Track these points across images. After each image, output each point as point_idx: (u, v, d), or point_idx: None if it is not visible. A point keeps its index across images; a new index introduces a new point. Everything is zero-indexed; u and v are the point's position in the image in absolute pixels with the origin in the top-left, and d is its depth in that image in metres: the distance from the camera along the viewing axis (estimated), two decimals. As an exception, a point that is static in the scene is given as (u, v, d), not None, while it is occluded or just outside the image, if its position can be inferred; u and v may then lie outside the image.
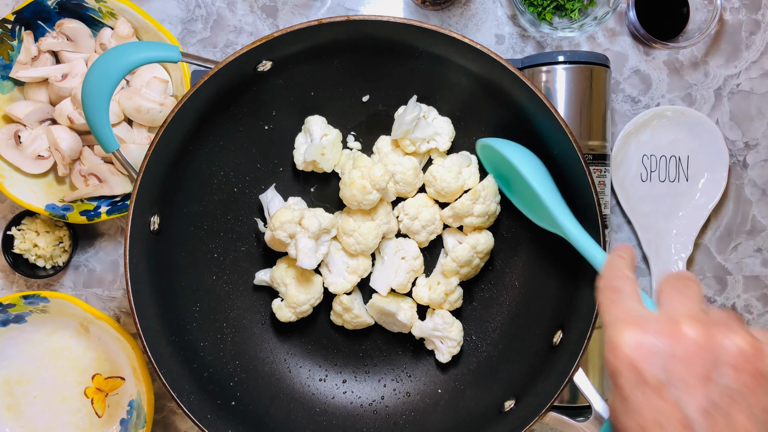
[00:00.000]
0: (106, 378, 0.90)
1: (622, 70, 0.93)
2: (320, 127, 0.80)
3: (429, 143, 0.81)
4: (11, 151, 0.86)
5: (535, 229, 0.81)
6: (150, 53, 0.71)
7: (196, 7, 0.92)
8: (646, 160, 0.93)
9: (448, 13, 0.92)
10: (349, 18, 0.71)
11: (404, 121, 0.78)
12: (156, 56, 0.71)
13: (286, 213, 0.75)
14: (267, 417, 0.80)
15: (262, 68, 0.75)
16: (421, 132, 0.79)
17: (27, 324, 0.89)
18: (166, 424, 0.93)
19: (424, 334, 0.81)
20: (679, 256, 0.93)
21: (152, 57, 0.71)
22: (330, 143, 0.80)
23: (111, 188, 0.86)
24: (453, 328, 0.81)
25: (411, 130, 0.79)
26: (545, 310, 0.79)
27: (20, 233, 0.89)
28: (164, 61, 0.71)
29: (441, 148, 0.81)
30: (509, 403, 0.77)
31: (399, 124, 0.79)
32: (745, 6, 0.93)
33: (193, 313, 0.79)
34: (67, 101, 0.85)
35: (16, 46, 0.86)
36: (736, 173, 0.94)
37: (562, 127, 0.71)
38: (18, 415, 0.90)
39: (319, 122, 0.81)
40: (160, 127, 0.70)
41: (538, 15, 0.90)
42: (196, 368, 0.77)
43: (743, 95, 0.94)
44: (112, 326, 0.85)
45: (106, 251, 0.92)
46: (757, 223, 0.95)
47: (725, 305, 0.95)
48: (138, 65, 0.70)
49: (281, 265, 0.81)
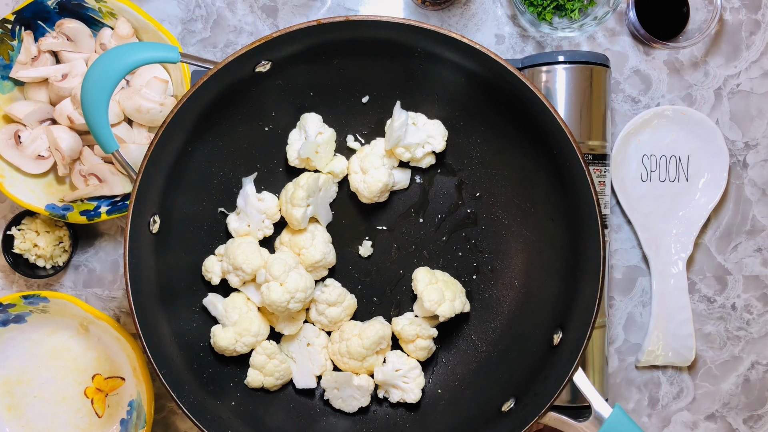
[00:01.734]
0: (106, 378, 0.90)
1: (622, 70, 0.93)
2: (315, 125, 0.80)
3: (424, 147, 0.81)
4: (11, 151, 0.86)
5: (535, 229, 0.81)
6: (149, 54, 0.71)
7: (196, 7, 0.92)
8: (646, 159, 0.93)
9: (448, 13, 0.92)
10: (348, 18, 0.71)
11: (393, 128, 0.78)
12: (155, 57, 0.71)
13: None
14: (267, 417, 0.80)
15: (261, 69, 0.75)
16: (413, 137, 0.79)
17: (27, 324, 0.89)
18: (166, 424, 0.93)
19: (386, 377, 0.80)
20: (679, 256, 0.93)
21: (151, 58, 0.71)
22: (324, 141, 0.80)
23: (111, 188, 0.86)
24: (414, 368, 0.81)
25: (402, 136, 0.79)
26: (545, 311, 0.79)
27: (20, 233, 0.89)
28: (163, 61, 0.71)
29: (437, 148, 0.81)
30: (509, 403, 0.77)
31: (390, 133, 0.79)
32: (745, 6, 0.93)
33: (192, 314, 0.80)
34: (67, 101, 0.85)
35: (16, 46, 0.86)
36: (736, 173, 0.94)
37: (562, 127, 0.71)
38: (18, 415, 0.90)
39: (315, 120, 0.80)
40: (159, 128, 0.70)
41: (538, 15, 0.90)
42: (196, 369, 0.77)
43: (743, 95, 0.94)
44: (112, 326, 0.85)
45: (106, 251, 0.92)
46: (757, 223, 0.95)
47: (725, 305, 0.95)
48: (137, 66, 0.70)
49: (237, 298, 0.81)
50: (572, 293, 0.76)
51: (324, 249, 0.80)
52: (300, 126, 0.81)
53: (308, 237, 0.80)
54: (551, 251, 0.79)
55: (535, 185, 0.80)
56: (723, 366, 0.95)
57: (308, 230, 0.80)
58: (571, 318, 0.75)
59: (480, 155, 0.83)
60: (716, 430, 0.95)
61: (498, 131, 0.80)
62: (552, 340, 0.76)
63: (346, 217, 0.85)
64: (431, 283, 0.79)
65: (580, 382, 0.71)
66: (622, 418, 0.70)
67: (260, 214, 0.80)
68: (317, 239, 0.80)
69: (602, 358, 0.86)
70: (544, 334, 0.78)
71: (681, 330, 0.92)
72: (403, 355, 0.81)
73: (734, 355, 0.95)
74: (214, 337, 0.78)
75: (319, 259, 0.79)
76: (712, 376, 0.95)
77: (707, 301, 0.95)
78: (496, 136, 0.81)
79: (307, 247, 0.79)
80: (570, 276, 0.77)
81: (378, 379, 0.80)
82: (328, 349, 0.82)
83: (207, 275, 0.80)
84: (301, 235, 0.80)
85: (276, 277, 0.75)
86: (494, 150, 0.82)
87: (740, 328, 0.95)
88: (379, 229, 0.85)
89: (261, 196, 0.80)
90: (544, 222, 0.80)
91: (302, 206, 0.77)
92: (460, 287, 0.82)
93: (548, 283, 0.80)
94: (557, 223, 0.78)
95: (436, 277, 0.81)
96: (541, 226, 0.80)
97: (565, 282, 0.77)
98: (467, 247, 0.85)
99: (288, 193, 0.79)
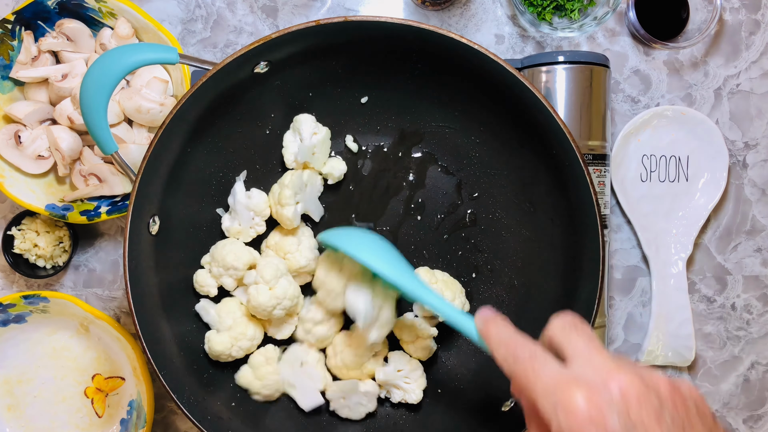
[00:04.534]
0: (106, 378, 0.90)
1: (622, 70, 0.93)
2: (309, 126, 0.80)
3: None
4: (11, 151, 0.86)
5: (534, 229, 0.81)
6: (147, 55, 0.71)
7: (196, 7, 0.92)
8: (646, 160, 0.93)
9: (448, 13, 0.92)
10: (347, 19, 0.71)
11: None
12: (153, 58, 0.71)
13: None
14: (267, 418, 0.80)
15: (260, 70, 0.75)
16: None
17: (27, 324, 0.89)
18: (166, 424, 0.93)
19: (388, 377, 0.79)
20: (679, 256, 0.93)
21: (150, 59, 0.71)
22: (320, 142, 0.80)
23: (111, 188, 0.86)
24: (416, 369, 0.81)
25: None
26: (544, 311, 0.79)
27: (20, 233, 0.89)
28: (162, 62, 0.71)
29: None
30: (509, 403, 0.77)
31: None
32: (745, 6, 0.93)
33: (192, 315, 0.80)
34: (67, 101, 0.86)
35: (16, 46, 0.86)
36: (736, 173, 0.94)
37: (561, 128, 0.71)
38: (18, 415, 0.90)
39: (309, 120, 0.80)
40: (158, 129, 0.70)
41: (538, 15, 0.90)
42: (196, 369, 0.77)
43: (743, 95, 0.94)
44: (112, 326, 0.85)
45: (107, 251, 0.93)
46: (756, 223, 0.95)
47: (725, 305, 0.95)
48: (136, 67, 0.70)
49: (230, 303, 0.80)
50: (572, 293, 0.76)
51: (309, 255, 0.79)
52: (293, 128, 0.81)
53: (294, 242, 0.80)
54: (551, 251, 0.79)
55: (534, 185, 0.80)
56: (723, 366, 0.95)
57: (296, 236, 0.80)
58: (570, 318, 0.75)
59: (479, 155, 0.83)
60: (716, 430, 0.95)
61: (497, 131, 0.80)
62: (551, 340, 0.76)
63: (343, 219, 0.85)
64: (431, 283, 0.79)
65: (580, 382, 0.71)
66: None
67: (249, 212, 0.80)
68: (303, 245, 0.80)
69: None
70: (543, 334, 0.78)
71: (681, 330, 0.92)
72: (405, 355, 0.81)
73: (734, 355, 0.95)
74: (209, 342, 0.77)
75: (303, 264, 0.79)
76: (712, 376, 0.95)
77: (707, 301, 0.95)
78: (495, 136, 0.81)
79: (293, 252, 0.79)
80: (569, 276, 0.77)
81: (380, 380, 0.80)
82: (328, 363, 0.82)
83: (202, 290, 0.79)
84: (288, 238, 0.80)
85: (267, 281, 0.75)
86: (493, 150, 0.82)
87: (740, 328, 0.95)
88: (378, 229, 0.85)
89: (249, 194, 0.80)
90: (544, 222, 0.80)
91: (291, 204, 0.77)
92: (460, 287, 0.82)
93: (548, 283, 0.80)
94: (556, 223, 0.78)
95: (435, 277, 0.81)
96: (541, 226, 0.80)
97: (564, 282, 0.77)
98: (467, 247, 0.85)
99: (275, 195, 0.79)
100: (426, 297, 0.66)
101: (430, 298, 0.66)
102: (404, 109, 0.82)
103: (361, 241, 0.72)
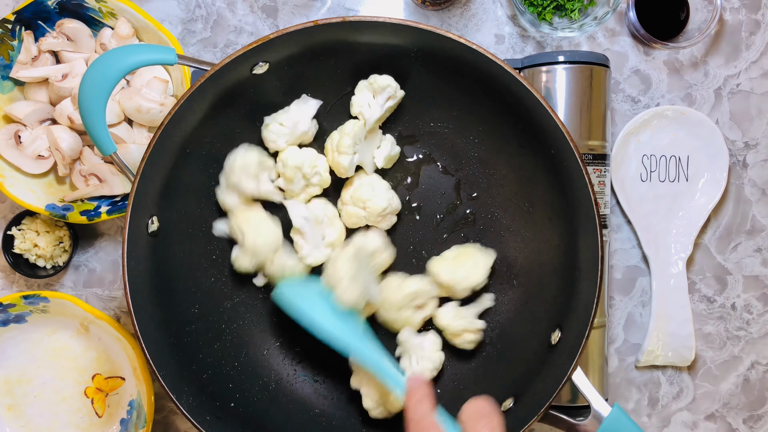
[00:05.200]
0: (106, 378, 0.91)
1: (622, 70, 0.93)
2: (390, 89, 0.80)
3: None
4: (11, 151, 0.86)
5: (533, 229, 0.81)
6: (145, 56, 0.71)
7: (196, 7, 0.92)
8: (646, 160, 0.93)
9: (448, 14, 0.92)
10: (346, 19, 0.71)
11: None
12: (152, 59, 0.71)
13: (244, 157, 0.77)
14: (266, 418, 0.80)
15: (259, 70, 0.75)
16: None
17: (27, 324, 0.89)
18: (166, 424, 0.93)
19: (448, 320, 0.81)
20: (679, 256, 0.93)
21: (148, 60, 0.71)
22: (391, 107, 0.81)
23: (111, 188, 0.86)
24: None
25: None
26: (543, 310, 0.79)
27: (20, 233, 0.89)
28: (160, 63, 0.71)
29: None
30: (508, 402, 0.77)
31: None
32: (745, 6, 0.93)
33: (191, 315, 0.80)
34: (67, 101, 0.86)
35: (17, 46, 0.86)
36: (736, 173, 0.94)
37: (559, 128, 0.71)
38: (18, 415, 0.90)
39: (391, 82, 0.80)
40: (157, 129, 0.70)
41: (538, 15, 0.90)
42: (195, 370, 0.77)
43: (743, 95, 0.94)
44: (112, 326, 0.85)
45: (107, 251, 0.93)
46: (756, 223, 0.95)
47: (725, 305, 0.95)
48: (134, 68, 0.70)
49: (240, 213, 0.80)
50: (571, 293, 0.76)
51: (387, 195, 0.80)
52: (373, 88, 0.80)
53: (368, 189, 0.80)
54: (550, 251, 0.79)
55: (533, 185, 0.80)
56: (723, 366, 0.95)
57: (366, 183, 0.80)
58: (569, 317, 0.75)
59: (478, 155, 0.83)
60: (716, 430, 0.95)
61: (496, 131, 0.80)
62: (551, 340, 0.76)
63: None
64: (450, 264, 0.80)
65: (579, 382, 0.71)
66: (621, 417, 0.70)
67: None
68: (377, 188, 0.80)
69: (602, 358, 0.86)
70: (542, 334, 0.78)
71: (681, 330, 0.92)
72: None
73: (734, 355, 0.95)
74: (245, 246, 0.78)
75: (384, 206, 0.79)
76: (712, 376, 0.95)
77: (707, 301, 0.95)
78: (494, 136, 0.81)
79: (371, 198, 0.79)
80: (568, 275, 0.77)
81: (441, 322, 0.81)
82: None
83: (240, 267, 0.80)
84: (362, 189, 0.80)
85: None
86: (492, 150, 0.82)
87: (740, 328, 0.95)
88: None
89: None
90: (543, 222, 0.80)
91: (349, 154, 0.77)
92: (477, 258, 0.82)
93: (547, 283, 0.80)
94: (555, 223, 0.78)
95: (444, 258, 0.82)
96: (540, 226, 0.80)
97: (563, 281, 0.77)
98: (466, 247, 0.85)
99: (334, 142, 0.79)
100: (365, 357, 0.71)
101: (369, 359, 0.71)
102: (403, 109, 0.82)
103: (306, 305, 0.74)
